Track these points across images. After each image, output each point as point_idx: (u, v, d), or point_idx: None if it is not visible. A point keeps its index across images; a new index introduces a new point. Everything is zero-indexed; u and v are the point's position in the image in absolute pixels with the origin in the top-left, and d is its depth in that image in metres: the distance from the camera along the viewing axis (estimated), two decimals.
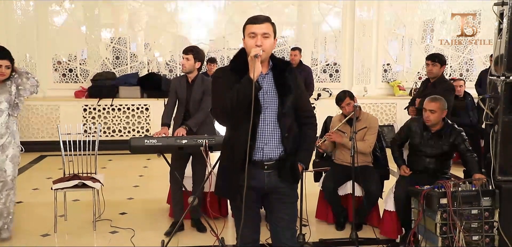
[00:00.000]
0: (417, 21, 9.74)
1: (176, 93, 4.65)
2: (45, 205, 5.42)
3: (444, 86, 5.11)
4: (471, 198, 3.72)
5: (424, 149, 4.29)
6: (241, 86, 2.57)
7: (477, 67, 9.66)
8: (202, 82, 4.59)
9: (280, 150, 2.73)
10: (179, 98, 4.64)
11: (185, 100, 4.60)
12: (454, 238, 3.67)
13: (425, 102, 4.25)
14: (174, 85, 4.70)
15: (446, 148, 4.24)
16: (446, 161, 4.35)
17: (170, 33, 9.46)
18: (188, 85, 4.60)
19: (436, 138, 4.25)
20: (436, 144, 4.24)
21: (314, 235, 4.56)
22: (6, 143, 4.27)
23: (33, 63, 8.77)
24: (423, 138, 4.29)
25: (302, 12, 9.62)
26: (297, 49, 8.04)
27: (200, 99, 4.56)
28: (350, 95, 4.74)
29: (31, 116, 8.59)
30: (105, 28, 9.72)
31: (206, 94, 4.53)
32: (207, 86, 4.55)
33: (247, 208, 2.70)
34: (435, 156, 4.27)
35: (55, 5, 9.08)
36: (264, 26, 2.66)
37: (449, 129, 4.24)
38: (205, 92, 4.54)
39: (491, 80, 3.87)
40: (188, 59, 4.50)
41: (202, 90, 4.55)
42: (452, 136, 4.21)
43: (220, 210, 5.00)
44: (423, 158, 4.31)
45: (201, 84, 4.57)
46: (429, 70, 5.25)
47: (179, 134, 4.31)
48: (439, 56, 5.31)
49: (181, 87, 4.62)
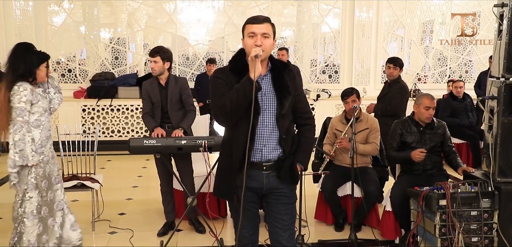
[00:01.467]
0: (417, 22, 9.75)
1: (150, 97, 4.51)
2: None
3: (398, 86, 5.54)
4: (471, 200, 3.72)
5: (420, 146, 4.28)
6: (241, 87, 2.57)
7: (476, 69, 9.66)
8: (176, 82, 4.51)
9: (278, 151, 2.73)
10: (154, 102, 4.49)
11: (160, 103, 4.48)
12: (453, 240, 3.67)
13: (428, 101, 4.28)
14: (146, 90, 4.52)
15: (439, 139, 4.36)
16: (439, 156, 4.39)
17: (169, 33, 9.46)
18: (161, 88, 4.49)
19: (429, 132, 4.35)
20: (430, 136, 4.34)
21: (313, 236, 4.55)
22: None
23: None
24: (416, 135, 4.36)
25: (302, 13, 9.62)
26: (284, 49, 8.04)
27: (177, 99, 4.49)
28: (357, 94, 4.74)
29: None
30: (104, 28, 9.72)
31: (185, 94, 4.48)
32: (182, 85, 4.49)
33: (245, 209, 2.70)
34: (430, 150, 4.28)
35: (54, 5, 9.07)
36: (264, 26, 2.65)
37: (437, 123, 4.42)
38: (182, 92, 4.48)
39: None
40: (156, 61, 4.38)
41: (178, 91, 4.48)
42: (441, 127, 4.41)
43: (219, 210, 4.99)
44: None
45: (176, 84, 4.49)
46: (390, 73, 5.69)
47: (176, 135, 4.29)
48: (398, 60, 5.78)
49: (153, 91, 4.49)
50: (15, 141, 3.56)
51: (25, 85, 3.58)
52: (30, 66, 3.64)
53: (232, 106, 2.58)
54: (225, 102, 2.61)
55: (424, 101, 4.29)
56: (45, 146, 3.75)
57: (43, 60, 3.73)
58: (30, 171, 3.66)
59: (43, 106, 3.72)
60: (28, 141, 3.58)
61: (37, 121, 3.68)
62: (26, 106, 3.58)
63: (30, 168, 3.64)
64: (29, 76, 3.64)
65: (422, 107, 4.29)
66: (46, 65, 3.75)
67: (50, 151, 3.83)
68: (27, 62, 3.64)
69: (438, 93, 9.11)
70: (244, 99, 2.55)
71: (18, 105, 3.55)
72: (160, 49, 4.45)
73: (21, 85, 3.57)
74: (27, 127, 3.59)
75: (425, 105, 4.28)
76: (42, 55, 3.74)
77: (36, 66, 3.67)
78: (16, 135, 3.55)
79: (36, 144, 3.65)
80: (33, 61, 3.66)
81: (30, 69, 3.64)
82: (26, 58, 3.65)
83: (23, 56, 3.64)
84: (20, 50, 3.68)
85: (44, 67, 3.73)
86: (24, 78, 3.61)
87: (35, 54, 3.70)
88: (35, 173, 3.67)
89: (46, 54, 3.78)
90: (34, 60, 3.67)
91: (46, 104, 3.76)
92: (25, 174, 3.66)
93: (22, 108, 3.56)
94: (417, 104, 4.34)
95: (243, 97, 2.55)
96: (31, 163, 3.60)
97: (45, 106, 3.75)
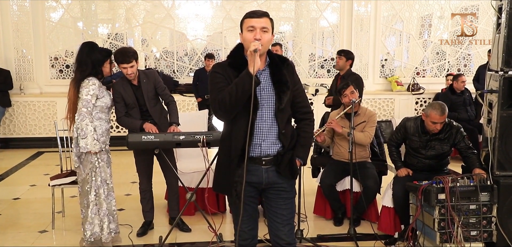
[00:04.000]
0: (415, 16, 9.73)
1: (123, 99, 4.27)
2: (42, 201, 5.42)
3: (352, 78, 5.51)
4: (469, 193, 3.72)
5: (423, 151, 4.26)
6: (240, 81, 2.56)
7: (475, 63, 9.66)
8: (148, 77, 4.35)
9: (277, 146, 2.73)
10: (128, 103, 4.28)
11: (136, 104, 4.30)
12: (452, 233, 3.68)
13: (436, 117, 4.04)
14: (119, 92, 4.25)
15: (447, 148, 4.22)
16: (445, 159, 4.35)
17: (167, 28, 9.43)
18: (134, 87, 4.29)
19: (436, 141, 4.20)
20: (436, 146, 4.21)
21: (312, 231, 4.56)
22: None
23: (30, 59, 8.73)
24: (421, 141, 4.23)
25: (300, 8, 9.60)
26: (277, 45, 8.00)
27: (154, 94, 4.36)
28: (354, 86, 4.70)
29: (28, 113, 8.56)
30: (102, 24, 9.69)
31: (159, 87, 4.36)
32: (154, 79, 4.36)
33: (245, 204, 2.70)
34: (435, 157, 4.26)
35: (51, 1, 9.03)
36: (263, 21, 2.64)
37: (448, 128, 4.19)
38: (156, 85, 4.35)
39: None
40: (133, 66, 4.19)
41: (152, 86, 4.34)
42: (451, 136, 4.17)
43: (218, 205, 4.99)
44: (421, 159, 4.30)
45: (148, 80, 4.33)
46: (336, 63, 5.91)
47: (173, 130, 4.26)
48: (345, 51, 5.96)
49: (127, 93, 4.26)
50: (78, 128, 3.90)
51: (94, 80, 3.93)
52: (97, 64, 3.97)
53: (231, 101, 2.58)
54: (224, 97, 2.60)
55: (432, 115, 4.07)
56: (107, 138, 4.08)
57: (107, 57, 4.04)
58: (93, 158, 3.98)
59: (105, 102, 4.03)
60: (90, 130, 3.89)
61: (98, 115, 4.00)
62: (92, 99, 3.91)
63: (92, 154, 3.95)
64: (96, 73, 3.98)
65: (429, 120, 4.11)
66: (109, 61, 4.06)
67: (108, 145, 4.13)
68: (93, 60, 3.95)
69: (437, 87, 9.14)
70: (243, 94, 2.54)
71: (85, 97, 3.89)
72: (133, 53, 4.20)
73: (91, 79, 3.92)
74: (90, 117, 3.91)
75: (431, 120, 4.09)
76: (105, 52, 4.06)
77: (101, 64, 4.00)
78: (81, 123, 3.88)
79: (98, 133, 3.95)
80: (98, 59, 3.98)
81: (96, 67, 3.97)
82: (92, 56, 3.95)
83: (89, 55, 3.95)
84: (86, 50, 3.98)
85: (107, 63, 4.05)
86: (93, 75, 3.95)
87: (99, 52, 4.01)
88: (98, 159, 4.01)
89: (109, 50, 4.13)
90: (99, 57, 3.98)
91: (109, 101, 4.08)
92: (88, 160, 3.98)
93: (88, 100, 3.89)
94: (426, 115, 4.13)
95: (242, 91, 2.54)
96: (93, 149, 3.91)
97: (108, 102, 4.06)
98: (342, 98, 4.72)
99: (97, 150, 3.94)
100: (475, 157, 4.11)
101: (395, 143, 4.49)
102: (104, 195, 4.08)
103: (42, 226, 4.71)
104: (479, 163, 4.07)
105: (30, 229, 4.68)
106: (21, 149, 8.33)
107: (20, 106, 8.58)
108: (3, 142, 8.51)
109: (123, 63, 4.16)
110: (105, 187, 4.10)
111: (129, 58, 4.15)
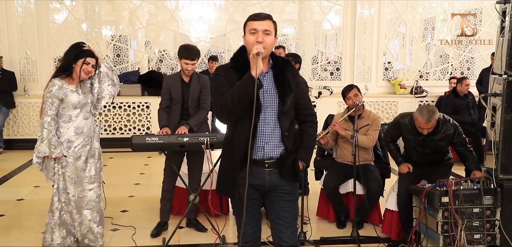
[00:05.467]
0: (418, 19, 9.73)
1: (170, 92, 4.49)
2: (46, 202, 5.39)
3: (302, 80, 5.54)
4: (473, 197, 3.71)
5: (421, 149, 4.25)
6: (242, 84, 2.56)
7: (478, 66, 9.64)
8: (199, 80, 4.51)
9: (280, 149, 2.73)
10: (174, 98, 4.48)
11: (181, 100, 4.47)
12: (455, 237, 3.67)
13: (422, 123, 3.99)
14: (168, 85, 4.50)
15: (442, 143, 4.19)
16: (445, 152, 4.32)
17: (171, 30, 9.45)
18: (184, 84, 4.48)
19: (431, 141, 4.17)
20: (430, 143, 4.19)
21: (315, 233, 4.56)
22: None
23: (34, 60, 8.76)
24: (417, 141, 4.22)
25: (303, 10, 9.61)
26: (281, 47, 7.99)
27: (198, 97, 4.49)
28: (358, 89, 4.71)
29: (32, 114, 8.59)
30: (106, 25, 9.71)
31: (204, 92, 4.47)
32: (204, 84, 4.49)
33: (248, 206, 2.70)
34: (433, 153, 4.25)
35: (55, 3, 9.07)
36: (266, 23, 2.65)
37: (443, 127, 4.13)
38: (202, 90, 4.48)
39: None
40: (194, 64, 4.41)
41: (199, 89, 4.48)
42: (447, 136, 4.14)
43: (222, 208, 4.99)
44: (420, 154, 4.28)
45: (198, 82, 4.49)
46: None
47: (181, 132, 4.29)
48: (293, 55, 5.92)
49: (175, 87, 4.47)
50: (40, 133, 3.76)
51: (54, 81, 3.74)
52: (68, 60, 3.79)
53: (234, 104, 2.58)
54: (227, 100, 2.61)
55: (418, 120, 4.02)
56: (74, 142, 3.81)
57: (80, 56, 3.78)
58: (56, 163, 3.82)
59: (72, 103, 3.78)
60: (48, 134, 3.70)
61: (67, 117, 3.80)
62: (53, 102, 3.70)
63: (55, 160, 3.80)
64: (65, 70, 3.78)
65: (416, 123, 4.09)
66: (84, 62, 3.78)
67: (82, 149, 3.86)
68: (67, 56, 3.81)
69: (440, 90, 9.13)
70: (245, 97, 2.55)
71: (45, 101, 3.73)
72: (197, 51, 4.46)
73: (51, 81, 3.76)
74: (50, 121, 3.71)
75: (418, 124, 4.06)
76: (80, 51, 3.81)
77: (73, 61, 3.78)
78: (42, 127, 3.73)
79: (62, 138, 3.77)
80: (71, 56, 3.79)
81: (66, 63, 3.79)
82: (68, 53, 3.81)
83: (68, 52, 3.82)
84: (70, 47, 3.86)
85: (80, 63, 3.77)
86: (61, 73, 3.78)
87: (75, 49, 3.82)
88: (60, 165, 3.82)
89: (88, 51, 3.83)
90: (71, 54, 3.80)
91: (76, 99, 3.79)
92: (51, 165, 3.84)
93: (47, 104, 3.71)
94: (415, 117, 4.08)
95: (245, 95, 2.54)
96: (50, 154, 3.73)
97: (74, 102, 3.78)
98: (346, 101, 4.72)
99: (57, 155, 3.74)
100: (473, 157, 4.16)
101: (391, 139, 4.48)
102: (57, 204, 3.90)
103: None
104: (476, 164, 4.11)
105: (33, 230, 4.69)
106: (25, 150, 8.32)
107: (24, 107, 8.61)
108: (7, 143, 8.54)
109: (187, 59, 4.36)
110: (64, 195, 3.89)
111: (194, 55, 4.38)
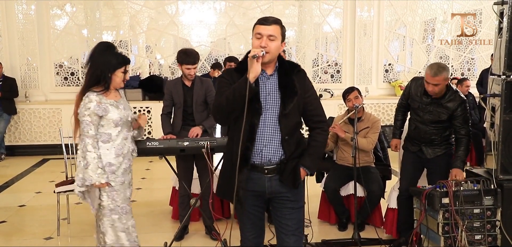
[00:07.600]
0: (418, 20, 9.74)
1: (172, 97, 4.50)
2: (48, 208, 5.44)
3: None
4: (473, 197, 3.71)
5: (421, 114, 4.10)
6: (237, 86, 2.58)
7: (478, 67, 9.65)
8: (202, 83, 4.53)
9: (280, 153, 2.69)
10: (176, 103, 4.49)
11: (182, 104, 4.48)
12: (456, 238, 3.67)
13: (428, 76, 3.89)
14: (169, 90, 4.50)
15: (444, 117, 4.03)
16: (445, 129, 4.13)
17: (171, 35, 9.48)
18: (186, 88, 4.48)
19: (435, 105, 4.04)
20: (434, 110, 4.05)
21: (317, 236, 4.57)
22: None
23: (35, 66, 8.79)
24: (421, 102, 4.09)
25: (303, 13, 9.63)
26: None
27: (202, 101, 4.50)
28: (358, 92, 4.71)
29: (33, 120, 8.61)
30: (106, 31, 9.76)
31: (210, 95, 4.48)
32: (208, 87, 4.51)
33: (249, 212, 2.70)
34: (433, 123, 4.08)
35: (56, 9, 9.10)
36: (271, 28, 2.64)
37: (452, 96, 4.00)
38: (208, 93, 4.49)
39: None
40: (196, 67, 4.43)
41: (203, 92, 4.50)
42: (452, 104, 3.98)
43: (223, 211, 5.00)
44: (419, 125, 4.14)
45: (201, 86, 4.51)
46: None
47: (194, 133, 4.30)
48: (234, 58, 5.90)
49: (177, 92, 4.47)
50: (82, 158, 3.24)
51: (90, 97, 3.23)
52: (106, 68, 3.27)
53: (228, 105, 2.60)
54: (222, 101, 2.63)
55: (426, 74, 3.93)
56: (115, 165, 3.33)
57: (122, 65, 3.34)
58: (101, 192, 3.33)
59: (113, 120, 3.30)
60: (93, 158, 3.22)
61: (106, 137, 3.31)
62: (93, 120, 3.22)
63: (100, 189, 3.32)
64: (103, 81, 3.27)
65: (425, 77, 3.97)
66: (124, 71, 3.37)
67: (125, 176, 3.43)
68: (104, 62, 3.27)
69: None
70: (239, 99, 2.54)
71: (83, 119, 3.23)
72: (197, 55, 4.44)
73: (88, 96, 3.24)
74: (93, 142, 3.23)
75: (426, 79, 3.96)
76: (122, 58, 3.37)
77: (112, 70, 3.29)
78: (84, 151, 3.23)
79: (103, 161, 3.27)
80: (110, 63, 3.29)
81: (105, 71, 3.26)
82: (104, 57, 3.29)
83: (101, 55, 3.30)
84: (99, 48, 3.34)
85: (120, 72, 3.34)
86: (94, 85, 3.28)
87: (114, 56, 3.33)
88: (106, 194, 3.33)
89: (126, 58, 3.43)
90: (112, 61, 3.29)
91: (117, 116, 3.32)
92: (95, 195, 3.34)
93: (86, 123, 3.22)
94: (425, 73, 3.98)
95: (239, 96, 2.54)
96: (96, 182, 3.23)
97: (116, 119, 3.31)
98: (346, 103, 4.73)
99: (102, 181, 3.24)
100: (463, 146, 3.98)
101: (403, 107, 4.37)
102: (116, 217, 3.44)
103: (48, 233, 4.73)
104: (461, 160, 3.96)
105: (35, 235, 4.70)
106: (26, 156, 8.37)
107: (25, 113, 8.63)
108: (9, 149, 8.56)
109: (188, 64, 4.36)
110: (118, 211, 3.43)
111: (194, 59, 4.37)
